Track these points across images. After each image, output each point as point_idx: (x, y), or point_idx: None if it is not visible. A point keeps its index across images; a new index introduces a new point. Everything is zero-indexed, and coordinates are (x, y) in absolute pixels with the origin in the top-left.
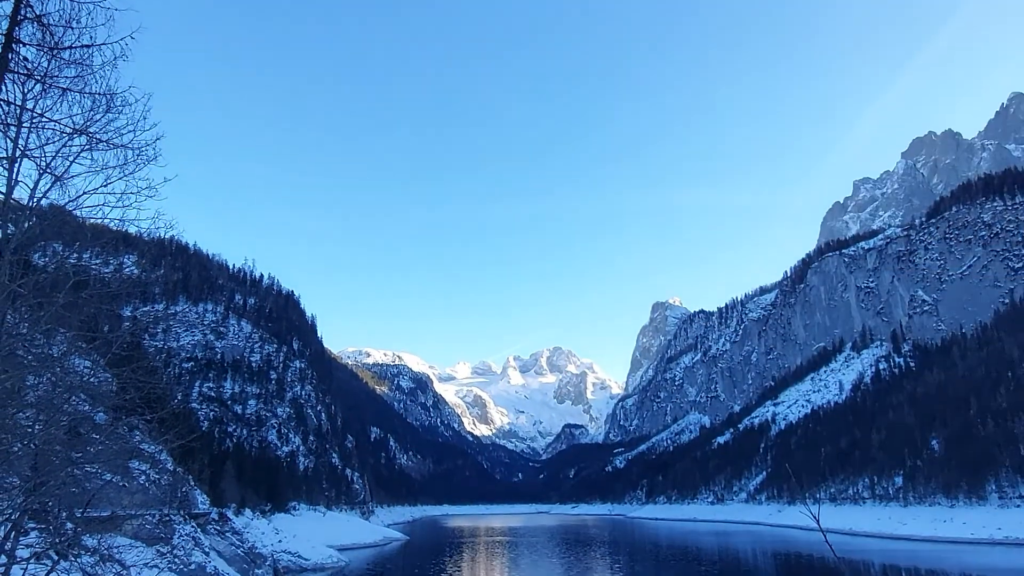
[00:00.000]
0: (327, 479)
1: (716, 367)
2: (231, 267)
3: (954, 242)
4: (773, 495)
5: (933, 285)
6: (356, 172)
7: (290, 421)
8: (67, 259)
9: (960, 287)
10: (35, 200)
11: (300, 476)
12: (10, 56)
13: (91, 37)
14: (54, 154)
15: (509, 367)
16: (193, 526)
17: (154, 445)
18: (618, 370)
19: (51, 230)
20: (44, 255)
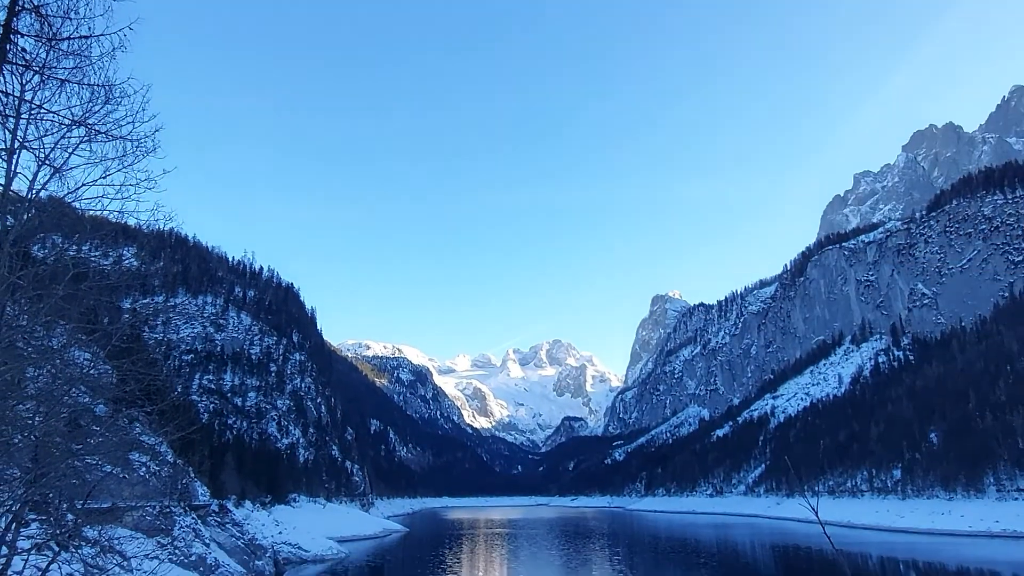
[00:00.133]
0: (327, 471)
1: (715, 360)
2: (231, 259)
3: (954, 235)
4: (772, 488)
5: (933, 278)
6: (357, 164)
7: (290, 413)
8: (66, 251)
9: (960, 280)
10: (34, 192)
11: (300, 468)
12: (8, 47)
13: (89, 28)
14: (53, 145)
15: (509, 360)
16: (193, 518)
17: (154, 437)
18: (618, 363)
19: (50, 222)
20: (43, 247)
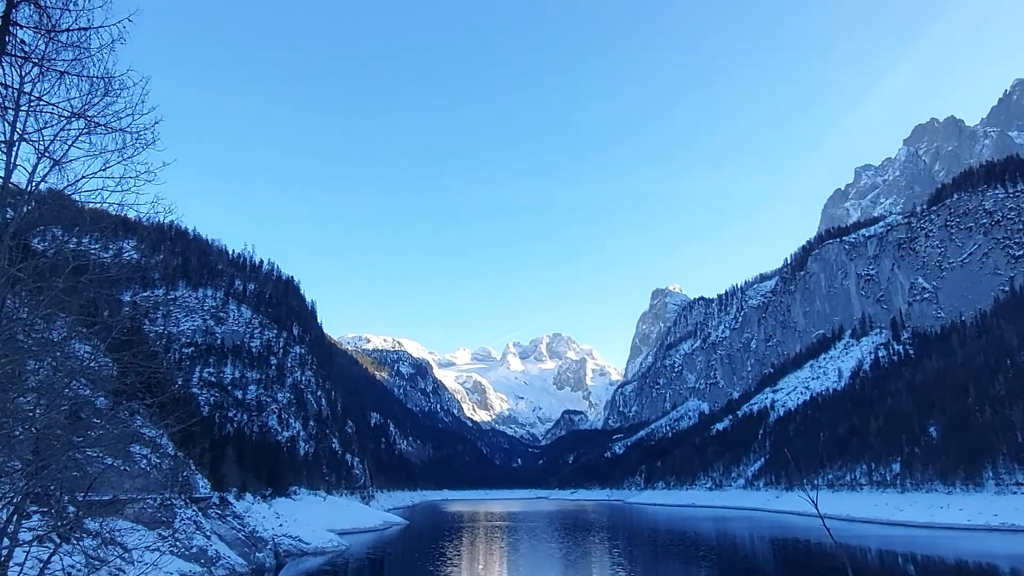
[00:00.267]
0: (327, 464)
1: (715, 354)
2: (231, 252)
3: (955, 229)
4: (771, 481)
5: (933, 272)
6: (357, 157)
7: (290, 406)
8: (66, 244)
9: (960, 275)
10: (34, 184)
11: (300, 461)
12: (7, 39)
13: (88, 19)
14: (52, 138)
15: (509, 353)
16: (194, 510)
17: (155, 429)
18: (618, 357)
19: (50, 214)
20: (43, 240)
